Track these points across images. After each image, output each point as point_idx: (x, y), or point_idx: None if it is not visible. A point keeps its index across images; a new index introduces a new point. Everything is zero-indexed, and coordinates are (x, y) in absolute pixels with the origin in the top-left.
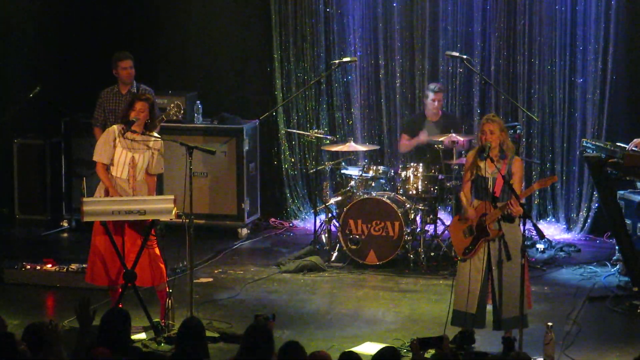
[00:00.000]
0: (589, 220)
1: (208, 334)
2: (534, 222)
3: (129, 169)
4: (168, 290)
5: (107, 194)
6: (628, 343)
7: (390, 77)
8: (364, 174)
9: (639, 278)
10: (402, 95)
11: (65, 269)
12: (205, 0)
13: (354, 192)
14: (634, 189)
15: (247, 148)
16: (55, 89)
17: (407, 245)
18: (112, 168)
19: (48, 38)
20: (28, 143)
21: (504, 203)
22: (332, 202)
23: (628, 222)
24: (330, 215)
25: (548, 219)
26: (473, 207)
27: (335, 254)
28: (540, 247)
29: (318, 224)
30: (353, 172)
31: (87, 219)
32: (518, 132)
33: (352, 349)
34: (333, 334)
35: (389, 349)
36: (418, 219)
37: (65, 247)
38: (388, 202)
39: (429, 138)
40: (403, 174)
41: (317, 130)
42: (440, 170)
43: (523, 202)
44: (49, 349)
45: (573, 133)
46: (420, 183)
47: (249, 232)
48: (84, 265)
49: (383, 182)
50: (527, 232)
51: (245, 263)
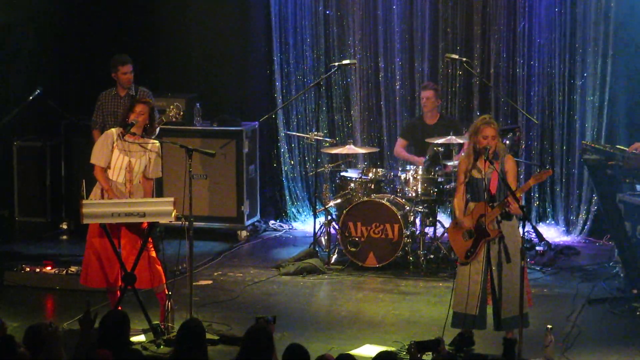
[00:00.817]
0: (589, 223)
1: (208, 337)
2: (533, 224)
3: (126, 173)
4: (168, 293)
5: (102, 195)
6: (627, 345)
7: (390, 79)
8: (364, 177)
9: (638, 280)
10: (401, 98)
11: (65, 271)
12: (205, 3)
13: (354, 194)
14: (634, 192)
15: (246, 150)
16: (55, 91)
17: (406, 248)
18: (109, 172)
19: (48, 40)
20: (28, 145)
21: (502, 201)
22: (331, 204)
23: (627, 224)
24: (330, 218)
25: (547, 222)
26: (469, 209)
27: (335, 257)
28: (540, 249)
29: (318, 227)
30: (352, 174)
31: (86, 222)
32: (517, 134)
33: (351, 351)
34: (332, 336)
35: (387, 353)
36: (418, 222)
37: (65, 249)
38: (387, 204)
39: (424, 166)
40: (402, 177)
41: (316, 133)
42: (440, 173)
43: (522, 204)
44: (49, 351)
45: (572, 135)
46: (420, 185)
47: (249, 234)
48: None
49: (382, 184)
50: (526, 234)
51: (245, 265)
